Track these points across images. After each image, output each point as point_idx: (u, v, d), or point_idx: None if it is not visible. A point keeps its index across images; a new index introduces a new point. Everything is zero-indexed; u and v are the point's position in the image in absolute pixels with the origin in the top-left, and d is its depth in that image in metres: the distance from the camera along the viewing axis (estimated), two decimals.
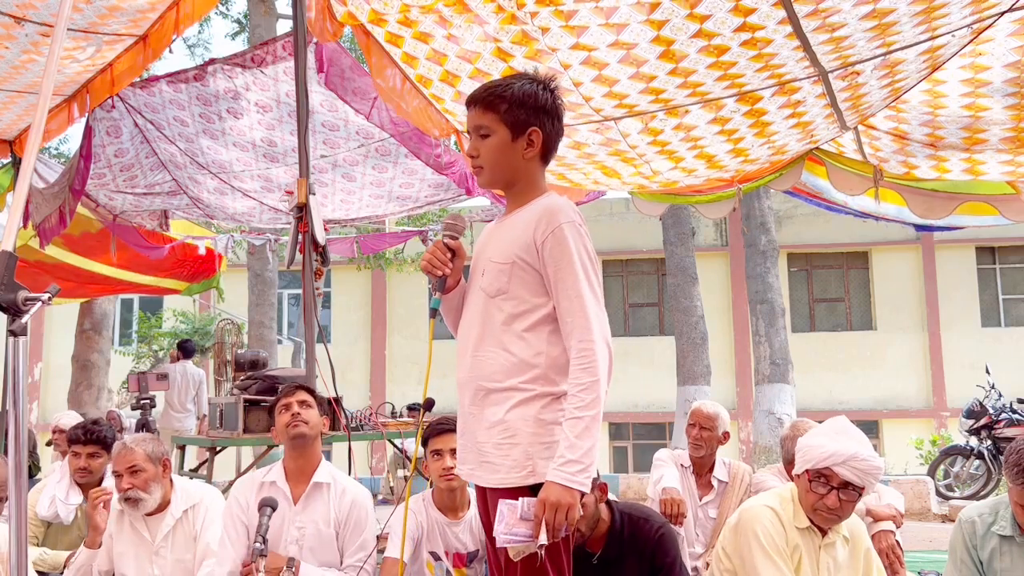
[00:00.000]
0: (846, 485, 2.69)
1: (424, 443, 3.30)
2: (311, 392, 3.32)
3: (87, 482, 3.84)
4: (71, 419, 5.73)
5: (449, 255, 2.21)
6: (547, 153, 2.19)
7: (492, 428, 2.08)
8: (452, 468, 3.15)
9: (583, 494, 1.97)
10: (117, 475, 3.22)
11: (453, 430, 3.16)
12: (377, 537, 3.23)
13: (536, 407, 2.05)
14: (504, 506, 1.98)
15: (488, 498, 2.14)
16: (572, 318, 2.03)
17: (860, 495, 2.73)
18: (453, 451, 3.16)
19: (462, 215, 2.32)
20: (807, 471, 2.74)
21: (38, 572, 3.64)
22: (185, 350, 9.61)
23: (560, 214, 2.07)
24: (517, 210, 2.19)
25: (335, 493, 3.20)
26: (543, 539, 1.94)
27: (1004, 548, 2.78)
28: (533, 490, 2.01)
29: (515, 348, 2.08)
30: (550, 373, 2.07)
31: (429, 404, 2.32)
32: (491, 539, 2.23)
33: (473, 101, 2.17)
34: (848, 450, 2.66)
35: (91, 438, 3.78)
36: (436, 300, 2.21)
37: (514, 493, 2.03)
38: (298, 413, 3.19)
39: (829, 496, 2.70)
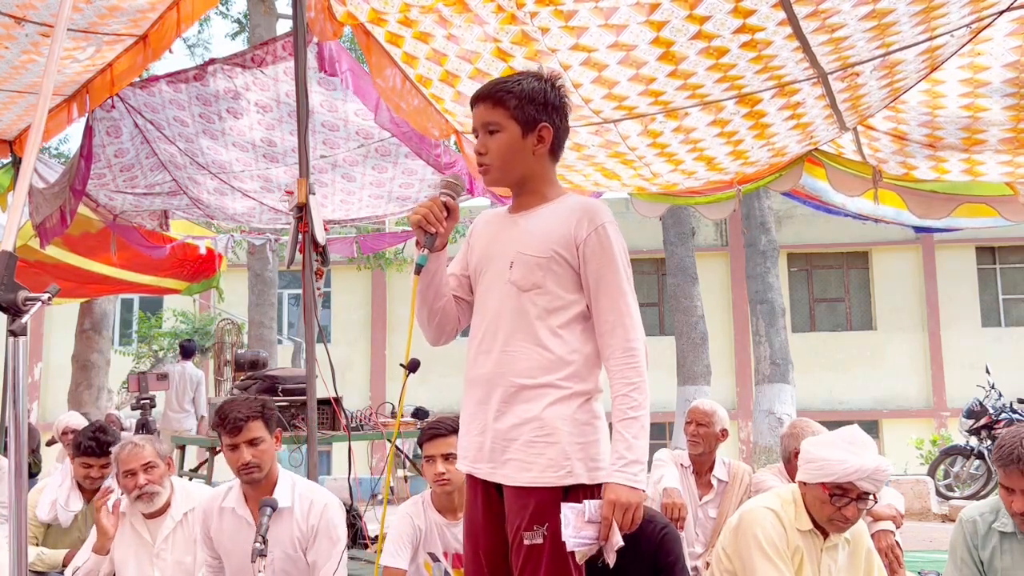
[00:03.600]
0: (864, 495, 2.69)
1: (419, 445, 3.29)
2: (260, 415, 2.96)
3: (94, 487, 3.85)
4: (78, 420, 5.71)
5: (444, 214, 2.14)
6: (556, 150, 2.16)
7: (524, 425, 2.04)
8: (444, 474, 3.14)
9: (645, 493, 2.00)
10: (131, 473, 3.21)
11: (446, 434, 3.14)
12: (375, 537, 3.21)
13: (573, 407, 2.04)
14: (568, 510, 1.97)
15: (508, 497, 2.08)
16: (614, 316, 2.04)
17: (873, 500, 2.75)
18: (445, 456, 3.14)
19: (462, 177, 2.29)
20: (823, 484, 2.71)
21: (36, 572, 3.64)
22: (184, 350, 9.61)
23: (601, 214, 2.09)
24: (539, 206, 2.15)
25: (300, 513, 2.98)
26: (618, 540, 1.97)
27: (1005, 546, 2.77)
28: (566, 491, 2.01)
29: (551, 344, 2.06)
30: (583, 371, 2.07)
31: (414, 365, 2.28)
32: (473, 539, 2.19)
33: (480, 97, 2.12)
34: (871, 463, 2.65)
35: (105, 451, 3.74)
36: (423, 257, 2.14)
37: (548, 493, 2.01)
38: (248, 462, 2.90)
39: (848, 507, 2.69)
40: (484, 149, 2.12)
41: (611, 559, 2.02)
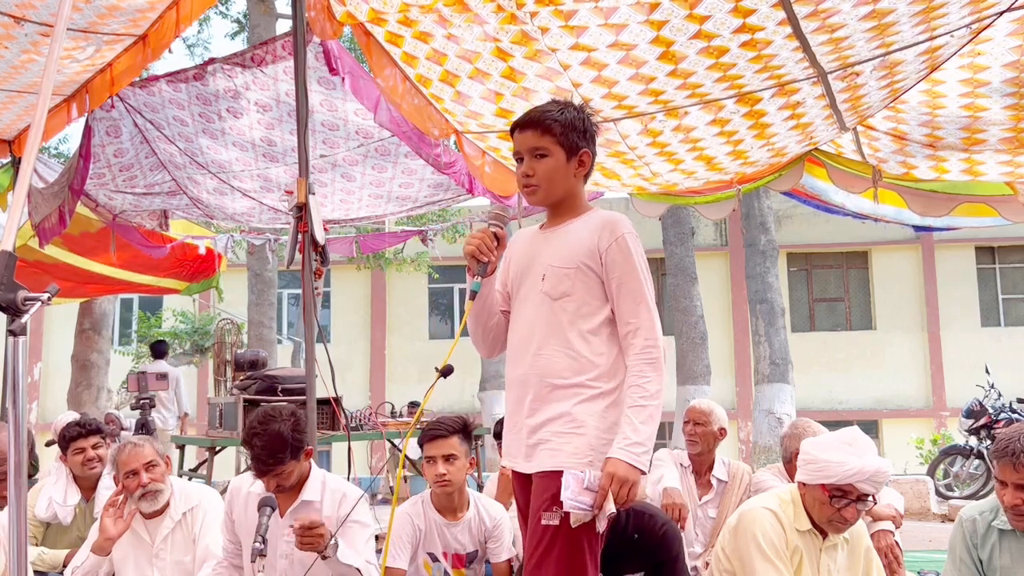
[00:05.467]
0: (864, 496, 2.70)
1: (420, 446, 3.29)
2: (288, 453, 2.90)
3: (96, 474, 3.87)
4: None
5: (495, 243, 2.33)
6: (588, 173, 2.41)
7: (556, 420, 2.22)
8: (445, 474, 3.15)
9: (643, 475, 2.15)
10: (134, 473, 3.22)
11: (447, 435, 3.17)
12: (376, 537, 3.22)
13: (602, 405, 2.22)
14: (569, 476, 2.14)
15: (535, 482, 2.24)
16: (636, 319, 2.24)
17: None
18: (446, 457, 3.17)
19: (507, 206, 2.43)
20: (823, 485, 2.71)
21: (37, 572, 3.64)
22: (156, 351, 9.54)
23: (621, 225, 2.30)
24: (568, 221, 2.36)
25: (329, 505, 3.01)
26: (611, 507, 2.14)
27: (1004, 545, 2.77)
28: None
29: (580, 347, 2.25)
30: (610, 371, 2.25)
31: (448, 370, 2.39)
32: (524, 523, 2.32)
33: (528, 124, 2.32)
34: (871, 466, 2.65)
35: (90, 429, 3.86)
36: (477, 283, 2.33)
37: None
38: (278, 487, 2.93)
39: (848, 509, 2.69)
40: (532, 171, 2.32)
41: (601, 526, 2.18)
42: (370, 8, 3.28)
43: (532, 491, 2.25)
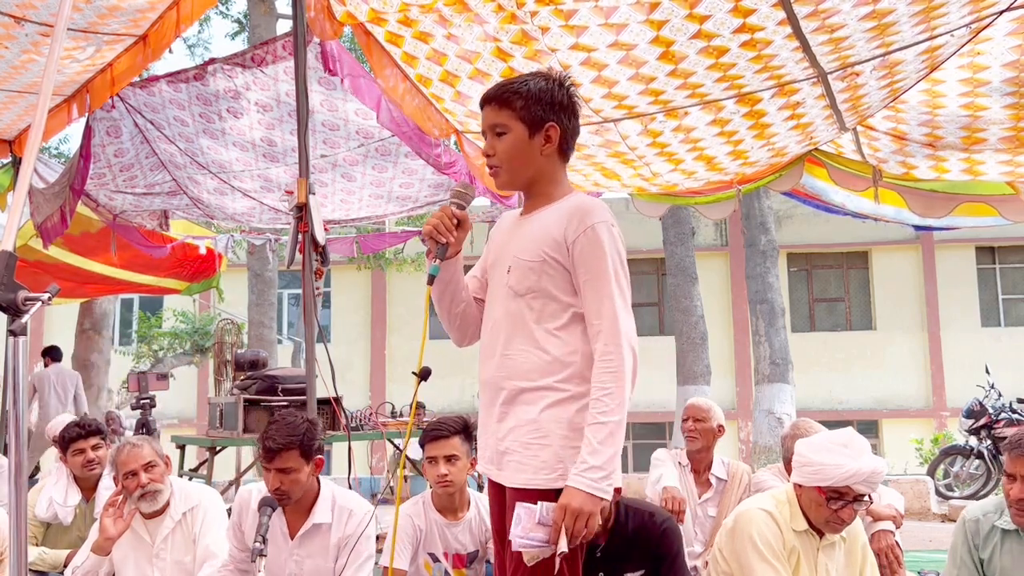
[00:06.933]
0: (860, 497, 2.70)
1: (421, 446, 3.29)
2: (297, 445, 2.87)
3: (96, 474, 3.87)
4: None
5: (455, 223, 2.13)
6: (565, 150, 2.15)
7: (522, 427, 2.05)
8: (447, 475, 3.14)
9: (604, 502, 1.92)
10: (133, 473, 3.22)
11: (447, 435, 3.16)
12: (377, 537, 3.21)
13: (571, 410, 2.02)
14: (521, 509, 1.93)
15: (507, 496, 2.09)
16: (599, 320, 2.01)
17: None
18: (447, 458, 3.16)
19: (471, 185, 2.25)
20: (820, 488, 2.71)
21: (37, 572, 3.64)
22: (53, 354, 9.36)
23: (593, 214, 2.05)
24: (543, 207, 2.14)
25: (337, 525, 2.99)
26: (563, 546, 1.89)
27: (1006, 546, 2.78)
28: (559, 494, 1.97)
29: (549, 346, 2.05)
30: (585, 372, 2.03)
31: (425, 373, 2.26)
32: (500, 537, 2.19)
33: (487, 100, 2.12)
34: (868, 467, 2.65)
35: (90, 430, 3.84)
36: (435, 267, 2.12)
37: (541, 495, 1.99)
38: (277, 488, 2.88)
39: (845, 510, 2.70)
40: (492, 151, 2.12)
41: (557, 561, 1.94)
42: (370, 8, 3.28)
43: (507, 505, 2.08)
